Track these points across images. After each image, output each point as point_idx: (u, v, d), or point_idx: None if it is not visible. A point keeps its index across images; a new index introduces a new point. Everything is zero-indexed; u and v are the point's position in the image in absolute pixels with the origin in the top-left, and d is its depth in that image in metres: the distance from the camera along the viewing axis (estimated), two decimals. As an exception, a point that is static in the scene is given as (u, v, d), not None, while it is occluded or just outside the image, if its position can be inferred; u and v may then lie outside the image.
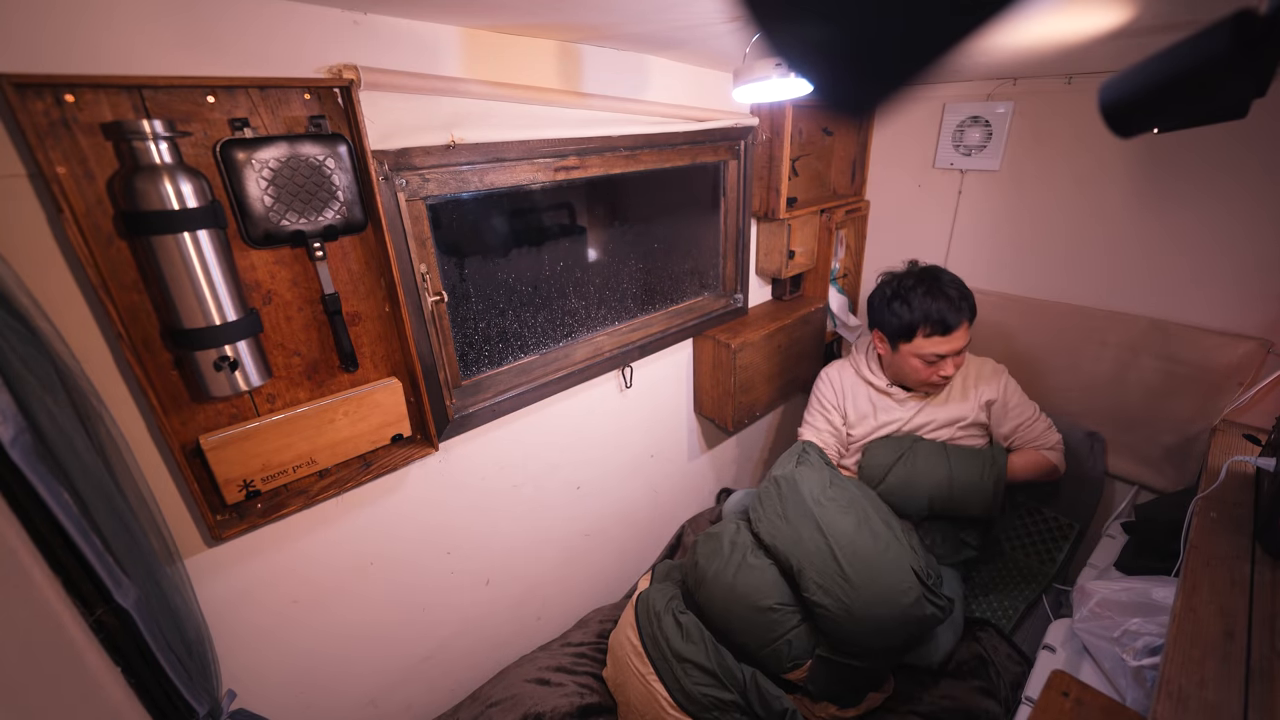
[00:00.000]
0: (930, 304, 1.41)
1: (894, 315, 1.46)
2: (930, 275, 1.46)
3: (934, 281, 1.44)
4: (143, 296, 0.84)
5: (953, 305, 1.41)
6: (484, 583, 1.51)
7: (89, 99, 0.74)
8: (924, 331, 1.43)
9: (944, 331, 1.41)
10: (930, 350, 1.44)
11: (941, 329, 1.41)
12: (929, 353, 1.44)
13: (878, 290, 1.55)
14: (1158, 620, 1.03)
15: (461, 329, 1.28)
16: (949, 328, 1.41)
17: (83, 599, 0.70)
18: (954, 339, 1.42)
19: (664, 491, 1.95)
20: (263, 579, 1.09)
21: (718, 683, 1.23)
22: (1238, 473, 1.19)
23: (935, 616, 1.19)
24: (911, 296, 1.43)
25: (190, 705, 0.83)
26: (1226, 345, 1.45)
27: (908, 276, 1.48)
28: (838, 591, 1.17)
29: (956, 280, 1.46)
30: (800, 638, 1.23)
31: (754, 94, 1.04)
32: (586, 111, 1.26)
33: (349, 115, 0.94)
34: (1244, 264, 1.41)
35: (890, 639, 1.18)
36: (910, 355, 1.47)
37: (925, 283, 1.44)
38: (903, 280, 1.48)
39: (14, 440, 0.61)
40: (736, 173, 1.69)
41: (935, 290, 1.42)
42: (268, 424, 0.98)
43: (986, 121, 1.69)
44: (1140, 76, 0.54)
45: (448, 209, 1.18)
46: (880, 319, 1.52)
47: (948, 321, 1.40)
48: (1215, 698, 0.79)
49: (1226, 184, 1.38)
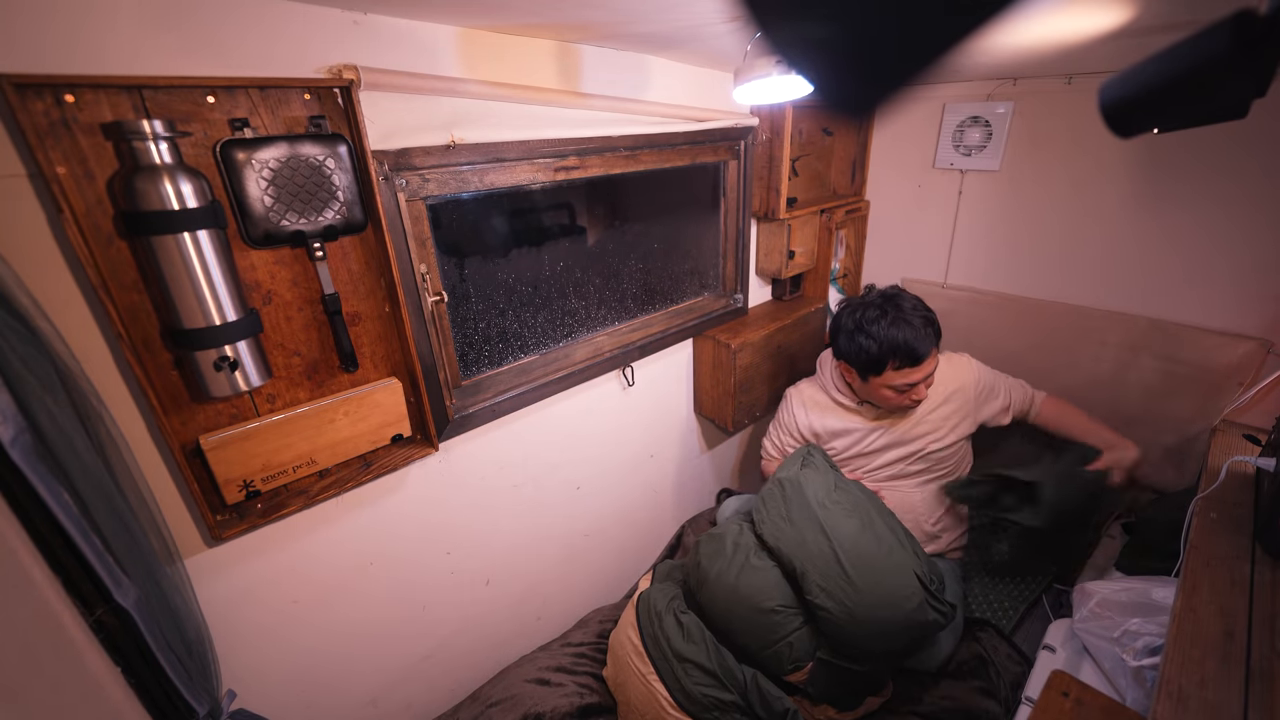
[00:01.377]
0: (896, 334, 1.36)
1: (860, 350, 1.41)
2: (892, 303, 1.40)
3: (896, 310, 1.38)
4: (143, 296, 0.84)
5: (918, 334, 1.36)
6: (484, 582, 1.51)
7: (89, 99, 0.74)
8: (893, 364, 1.38)
9: (913, 362, 1.37)
10: (901, 381, 1.40)
11: (910, 360, 1.37)
12: (900, 384, 1.41)
13: (837, 321, 1.49)
14: (1157, 620, 1.03)
15: (461, 329, 1.28)
16: (919, 358, 1.37)
17: (83, 599, 0.70)
18: (924, 367, 1.39)
19: (664, 491, 1.95)
20: (263, 579, 1.09)
21: (718, 683, 1.23)
22: (1238, 473, 1.19)
23: (937, 622, 1.19)
24: (875, 329, 1.38)
25: (190, 705, 0.83)
26: (1226, 345, 1.45)
27: (869, 307, 1.41)
28: (840, 594, 1.17)
29: (918, 304, 1.41)
30: (802, 640, 1.23)
31: (754, 94, 1.04)
32: (586, 111, 1.26)
33: (349, 115, 0.94)
34: (1244, 264, 1.41)
35: (892, 643, 1.18)
36: (881, 387, 1.43)
37: (888, 312, 1.38)
38: (865, 311, 1.41)
39: (14, 440, 0.61)
40: (736, 173, 1.69)
41: (899, 320, 1.37)
42: (268, 424, 0.98)
43: (986, 122, 1.69)
44: (1140, 77, 0.54)
45: (448, 209, 1.18)
46: (846, 353, 1.46)
47: (916, 352, 1.36)
48: (1215, 698, 0.79)
49: (1226, 184, 1.38)
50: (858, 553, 1.21)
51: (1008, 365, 1.64)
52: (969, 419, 1.54)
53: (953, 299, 1.90)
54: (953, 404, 1.52)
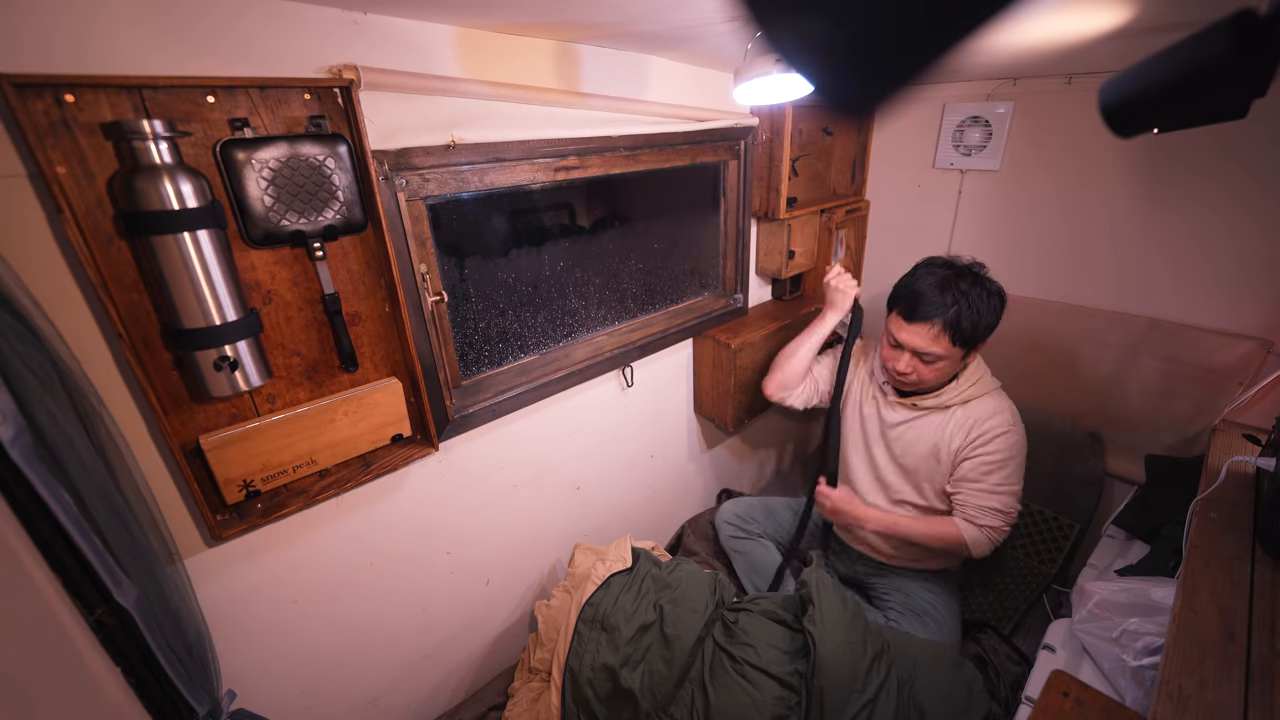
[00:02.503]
0: (915, 281, 1.30)
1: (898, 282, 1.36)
2: (952, 267, 1.30)
3: (949, 273, 1.29)
4: (143, 296, 0.84)
5: (926, 298, 1.26)
6: (484, 582, 1.51)
7: (89, 99, 0.74)
8: (897, 307, 1.33)
9: (906, 316, 1.30)
10: (893, 329, 1.34)
11: (905, 312, 1.30)
12: (893, 333, 1.34)
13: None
14: (1157, 620, 1.03)
15: (461, 329, 1.28)
16: (911, 315, 1.28)
17: (83, 599, 0.70)
18: (912, 331, 1.29)
19: (664, 491, 1.95)
20: (263, 579, 1.09)
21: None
22: (1238, 473, 1.19)
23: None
24: (916, 271, 1.33)
25: (190, 705, 0.83)
26: (1226, 345, 1.45)
27: (950, 261, 1.33)
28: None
29: (976, 288, 1.26)
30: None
31: (754, 93, 1.04)
32: (586, 111, 1.26)
33: (349, 115, 0.94)
34: (1244, 264, 1.41)
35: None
36: (884, 332, 1.39)
37: (941, 269, 1.30)
38: (933, 260, 1.35)
39: (14, 440, 0.61)
40: (736, 173, 1.69)
41: (935, 278, 1.28)
42: (268, 424, 0.98)
43: (986, 121, 1.69)
44: (1140, 76, 0.53)
45: (448, 209, 1.18)
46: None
47: (916, 306, 1.28)
48: (1215, 698, 0.79)
49: (1226, 184, 1.38)
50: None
51: (1008, 365, 1.63)
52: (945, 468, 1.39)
53: (953, 299, 1.90)
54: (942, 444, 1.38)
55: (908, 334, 1.30)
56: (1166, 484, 1.47)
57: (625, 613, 1.25)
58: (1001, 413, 1.35)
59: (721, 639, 1.24)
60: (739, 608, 1.32)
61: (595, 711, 1.18)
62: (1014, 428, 1.34)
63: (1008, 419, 1.34)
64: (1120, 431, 1.67)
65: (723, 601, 1.32)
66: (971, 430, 1.35)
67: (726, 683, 1.17)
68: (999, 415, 1.34)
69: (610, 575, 1.33)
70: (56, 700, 0.64)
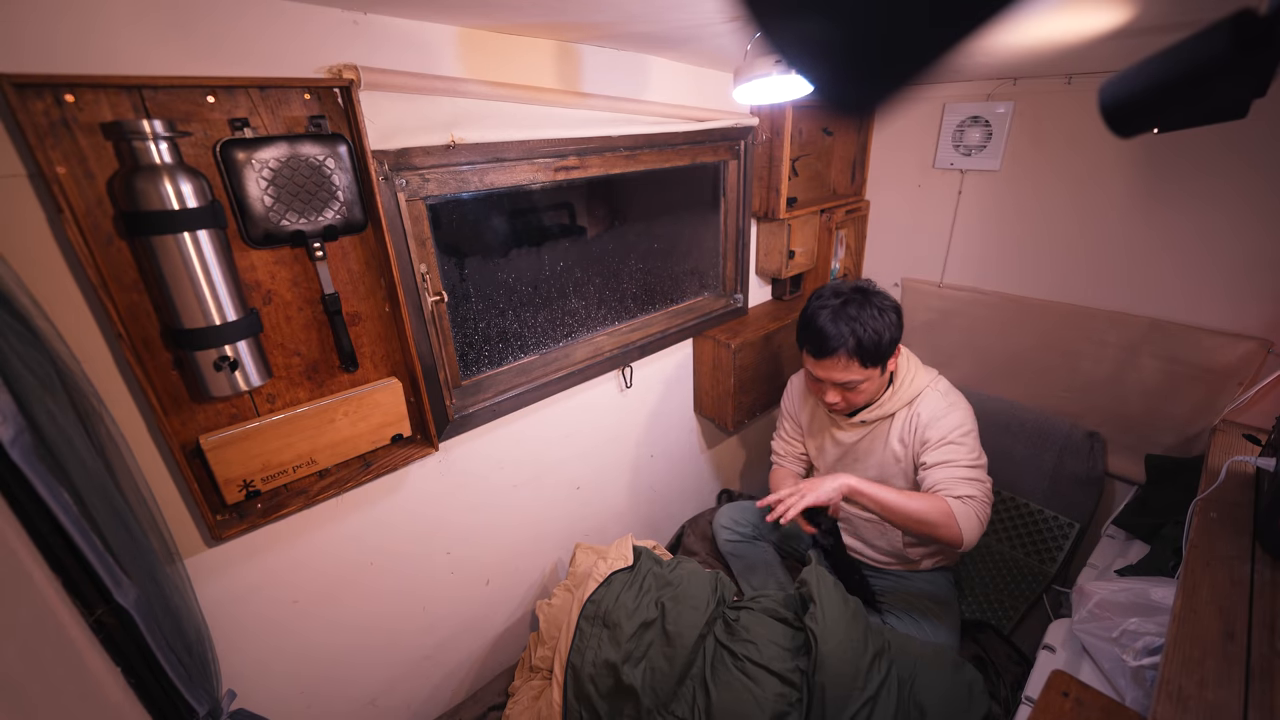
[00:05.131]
0: (811, 320, 1.28)
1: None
2: (842, 294, 1.28)
3: (837, 302, 1.27)
4: (143, 296, 0.84)
5: (825, 333, 1.24)
6: (484, 582, 1.51)
7: (89, 99, 0.74)
8: (806, 347, 1.32)
9: (815, 354, 1.29)
10: (809, 368, 1.33)
11: (813, 350, 1.29)
12: (810, 370, 1.34)
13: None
14: (1157, 620, 1.03)
15: (461, 329, 1.28)
16: (818, 352, 1.27)
17: (83, 599, 0.70)
18: (825, 366, 1.28)
19: (664, 491, 1.95)
20: (263, 579, 1.09)
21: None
22: (1238, 473, 1.19)
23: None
24: (809, 308, 1.31)
25: (190, 705, 0.83)
26: (1226, 345, 1.45)
27: (832, 290, 1.31)
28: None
29: (866, 310, 1.24)
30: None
31: (754, 93, 1.04)
32: (586, 111, 1.26)
33: (349, 115, 0.94)
34: (1244, 264, 1.41)
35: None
36: (804, 366, 1.37)
37: (831, 300, 1.28)
38: (824, 290, 1.32)
39: (14, 440, 0.61)
40: (736, 173, 1.69)
41: (828, 311, 1.26)
42: (268, 424, 0.98)
43: (986, 121, 1.69)
44: (1140, 76, 0.53)
45: (448, 209, 1.18)
46: None
47: (817, 344, 1.27)
48: (1215, 698, 0.79)
49: (1226, 184, 1.38)
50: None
51: (1008, 365, 1.63)
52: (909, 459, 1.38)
53: (953, 299, 1.90)
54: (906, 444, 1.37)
55: (822, 370, 1.30)
56: (1166, 484, 1.47)
57: (627, 610, 1.25)
58: (940, 398, 1.35)
59: (723, 636, 1.24)
60: (740, 605, 1.32)
61: (597, 708, 1.19)
62: (955, 407, 1.34)
63: (946, 402, 1.35)
64: (1120, 431, 1.67)
65: (724, 599, 1.32)
66: (919, 427, 1.35)
67: (728, 679, 1.17)
68: (938, 402, 1.35)
69: (612, 573, 1.33)
70: (56, 700, 0.64)
